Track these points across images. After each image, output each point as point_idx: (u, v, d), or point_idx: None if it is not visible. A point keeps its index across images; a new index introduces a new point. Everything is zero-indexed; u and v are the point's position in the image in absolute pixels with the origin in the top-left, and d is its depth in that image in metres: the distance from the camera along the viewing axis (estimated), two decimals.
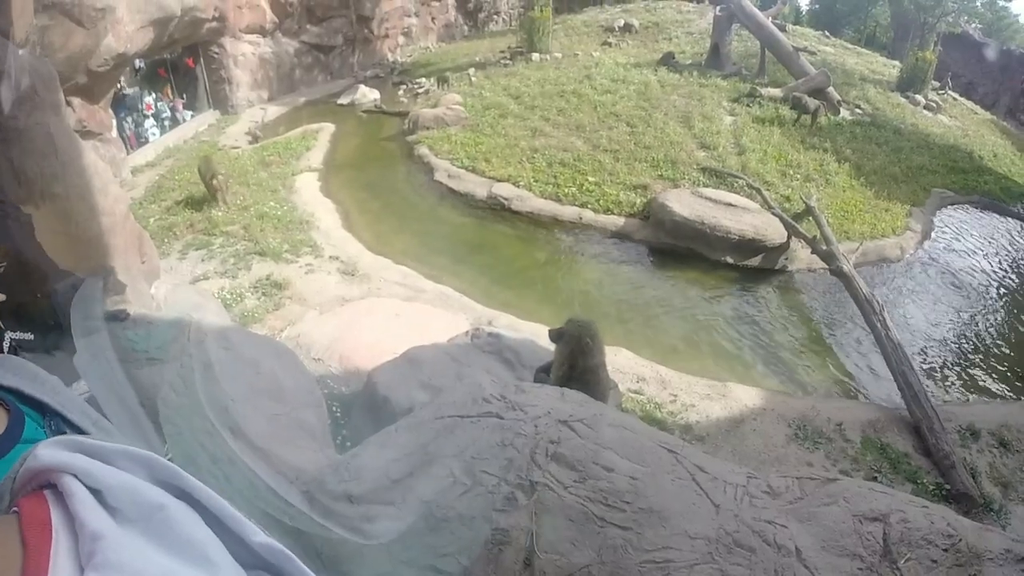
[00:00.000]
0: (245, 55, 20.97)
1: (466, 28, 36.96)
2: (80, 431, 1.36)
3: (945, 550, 3.25)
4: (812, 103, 18.71)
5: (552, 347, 5.73)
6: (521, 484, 3.49)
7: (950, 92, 27.65)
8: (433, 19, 33.95)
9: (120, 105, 16.34)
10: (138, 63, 17.12)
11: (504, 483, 3.51)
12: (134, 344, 5.03)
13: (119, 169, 14.08)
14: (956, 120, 24.23)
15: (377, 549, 3.52)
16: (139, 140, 16.93)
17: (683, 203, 13.06)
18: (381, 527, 3.58)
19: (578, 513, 3.35)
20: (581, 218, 13.76)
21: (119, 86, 16.14)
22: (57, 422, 1.33)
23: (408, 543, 3.48)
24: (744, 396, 8.65)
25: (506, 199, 14.20)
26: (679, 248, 12.81)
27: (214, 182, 12.87)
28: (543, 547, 3.28)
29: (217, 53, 19.94)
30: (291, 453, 4.58)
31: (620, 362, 8.87)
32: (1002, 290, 13.51)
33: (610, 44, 27.83)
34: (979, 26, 42.90)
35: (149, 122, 17.48)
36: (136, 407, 4.33)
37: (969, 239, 15.56)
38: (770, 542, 3.25)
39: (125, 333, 5.14)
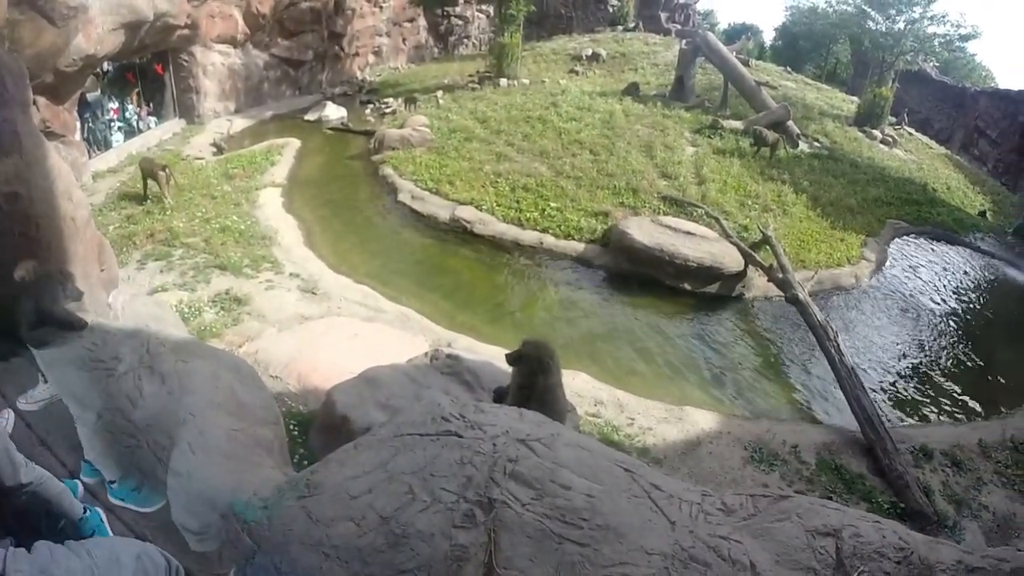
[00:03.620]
0: (214, 65, 20.89)
1: (436, 50, 37.24)
2: None
3: (898, 563, 3.33)
4: (771, 136, 19.18)
5: (511, 369, 5.76)
6: (480, 501, 3.51)
7: (906, 127, 28.54)
8: (404, 40, 34.14)
9: (85, 108, 16.11)
10: (106, 66, 16.93)
11: (463, 500, 3.53)
12: (91, 353, 4.95)
13: (80, 173, 13.87)
14: (911, 154, 25.00)
15: (336, 564, 3.50)
16: (103, 145, 16.68)
17: (643, 230, 13.27)
18: (340, 543, 3.57)
19: (536, 530, 3.37)
20: (542, 243, 13.89)
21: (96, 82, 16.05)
22: None
23: (367, 559, 3.47)
24: (701, 419, 8.77)
25: (468, 222, 14.30)
26: (638, 274, 12.98)
27: (160, 173, 13.11)
28: (502, 563, 3.30)
29: (186, 61, 19.84)
30: (249, 469, 4.54)
31: (578, 386, 8.94)
32: (953, 316, 13.94)
33: (577, 72, 28.26)
34: (936, 64, 44.30)
35: (113, 127, 17.23)
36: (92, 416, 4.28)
37: (922, 268, 16.02)
38: (725, 557, 3.30)
39: (82, 342, 5.05)
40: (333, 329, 9.46)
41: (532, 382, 5.29)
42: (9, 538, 3.55)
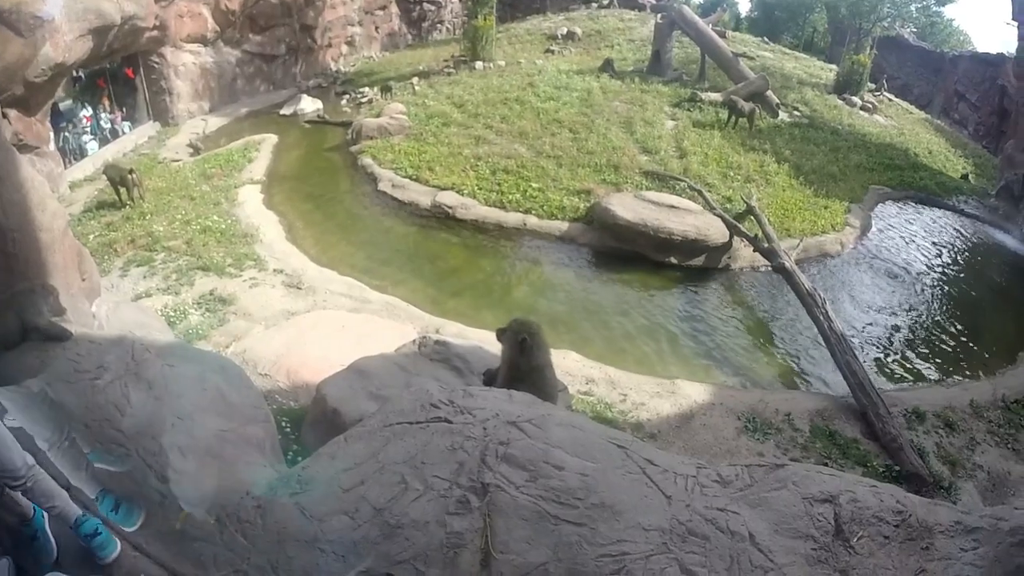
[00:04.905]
0: (186, 65, 20.56)
1: (410, 37, 36.88)
2: None
3: (896, 526, 3.34)
4: (747, 106, 19.14)
5: (500, 350, 5.74)
6: (473, 486, 3.49)
7: (886, 93, 28.55)
8: (376, 28, 33.77)
9: (57, 117, 15.87)
10: (75, 73, 16.66)
11: (456, 486, 3.51)
12: (76, 364, 4.89)
13: (57, 184, 13.67)
14: (892, 120, 25.04)
15: (333, 559, 3.48)
16: (78, 154, 16.46)
17: (626, 207, 13.24)
18: (335, 537, 3.54)
19: (531, 512, 3.36)
20: (525, 224, 13.84)
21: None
22: None
23: (363, 552, 3.44)
24: (693, 392, 8.79)
25: (450, 207, 14.21)
26: (623, 251, 12.98)
27: (128, 178, 13.06)
28: (499, 548, 3.28)
29: (157, 63, 19.49)
30: (241, 469, 4.51)
31: (569, 365, 8.94)
32: (938, 279, 14.01)
33: (553, 52, 28.06)
34: (914, 30, 44.34)
35: (87, 135, 17.01)
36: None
37: (906, 232, 16.07)
38: (723, 529, 3.30)
39: (66, 354, 4.98)
40: (320, 323, 9.41)
41: (517, 361, 5.26)
42: (7, 558, 3.51)
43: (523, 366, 5.21)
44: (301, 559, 3.53)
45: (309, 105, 23.12)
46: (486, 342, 7.70)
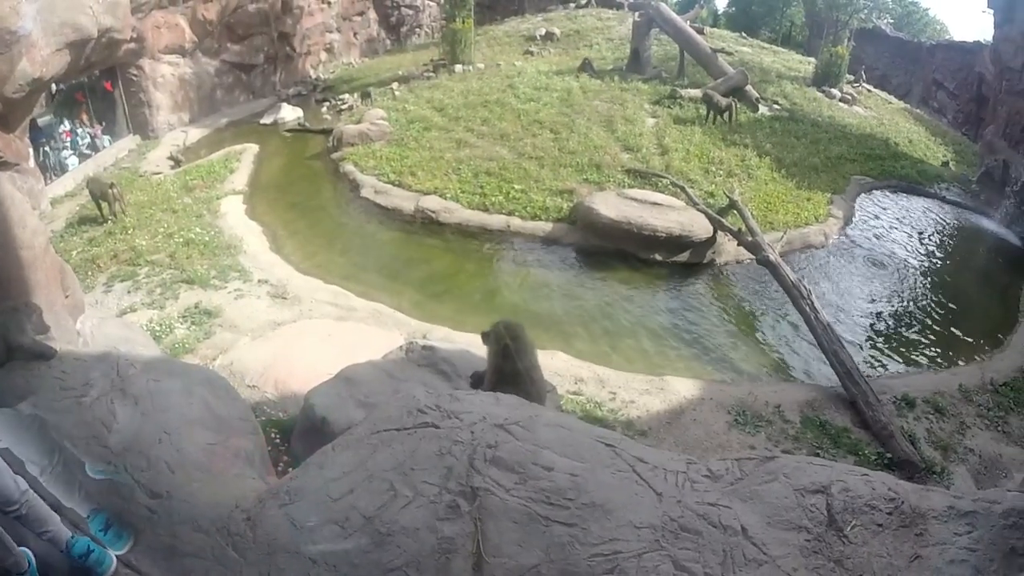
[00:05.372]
0: (164, 76, 20.43)
1: (389, 42, 36.78)
2: None
3: (889, 513, 3.34)
4: (723, 101, 19.18)
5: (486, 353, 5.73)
6: (462, 491, 3.47)
7: (864, 84, 28.70)
8: (355, 34, 33.67)
9: (37, 133, 15.73)
10: (55, 87, 16.51)
11: (445, 491, 3.49)
12: (62, 382, 4.85)
13: (38, 201, 13.54)
14: (871, 110, 25.19)
15: (324, 571, 3.45)
16: (58, 170, 16.32)
17: (609, 205, 13.26)
18: (326, 548, 3.52)
19: (522, 514, 3.34)
20: (509, 226, 13.82)
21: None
22: None
23: (355, 561, 3.42)
24: (682, 388, 8.81)
25: (433, 212, 14.18)
26: (608, 249, 12.98)
27: (109, 192, 12.98)
28: (490, 551, 3.26)
29: (136, 75, 19.36)
30: (230, 482, 4.47)
31: (557, 365, 8.94)
32: (923, 266, 14.10)
33: (532, 53, 28.05)
34: (890, 21, 44.66)
35: (67, 151, 16.86)
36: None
37: (889, 221, 16.16)
38: (715, 524, 3.29)
39: (51, 372, 4.94)
40: (306, 332, 9.37)
41: (501, 364, 5.25)
42: None
43: (507, 368, 5.20)
44: (292, 571, 3.51)
45: (289, 113, 23.04)
46: (473, 345, 7.67)
